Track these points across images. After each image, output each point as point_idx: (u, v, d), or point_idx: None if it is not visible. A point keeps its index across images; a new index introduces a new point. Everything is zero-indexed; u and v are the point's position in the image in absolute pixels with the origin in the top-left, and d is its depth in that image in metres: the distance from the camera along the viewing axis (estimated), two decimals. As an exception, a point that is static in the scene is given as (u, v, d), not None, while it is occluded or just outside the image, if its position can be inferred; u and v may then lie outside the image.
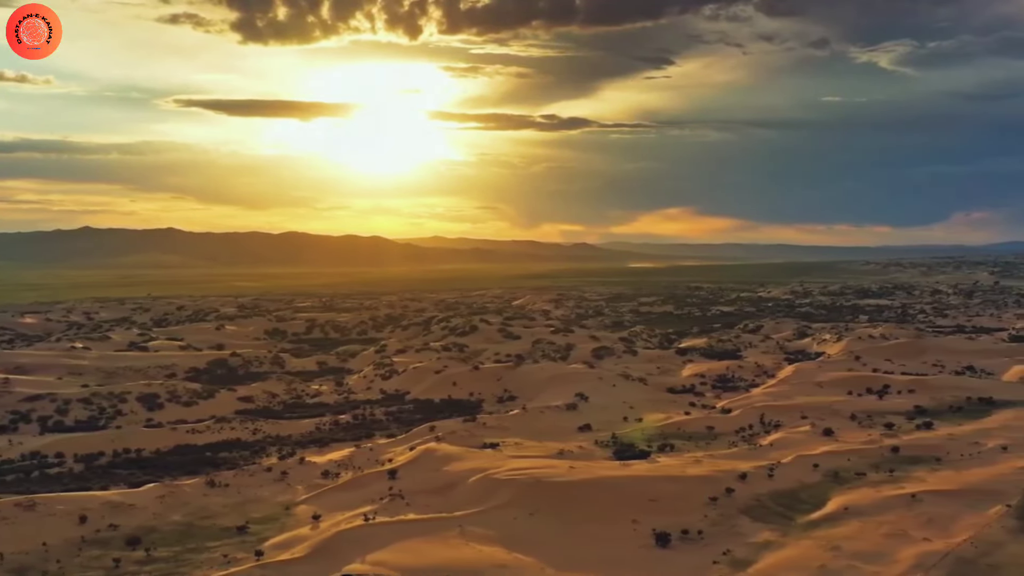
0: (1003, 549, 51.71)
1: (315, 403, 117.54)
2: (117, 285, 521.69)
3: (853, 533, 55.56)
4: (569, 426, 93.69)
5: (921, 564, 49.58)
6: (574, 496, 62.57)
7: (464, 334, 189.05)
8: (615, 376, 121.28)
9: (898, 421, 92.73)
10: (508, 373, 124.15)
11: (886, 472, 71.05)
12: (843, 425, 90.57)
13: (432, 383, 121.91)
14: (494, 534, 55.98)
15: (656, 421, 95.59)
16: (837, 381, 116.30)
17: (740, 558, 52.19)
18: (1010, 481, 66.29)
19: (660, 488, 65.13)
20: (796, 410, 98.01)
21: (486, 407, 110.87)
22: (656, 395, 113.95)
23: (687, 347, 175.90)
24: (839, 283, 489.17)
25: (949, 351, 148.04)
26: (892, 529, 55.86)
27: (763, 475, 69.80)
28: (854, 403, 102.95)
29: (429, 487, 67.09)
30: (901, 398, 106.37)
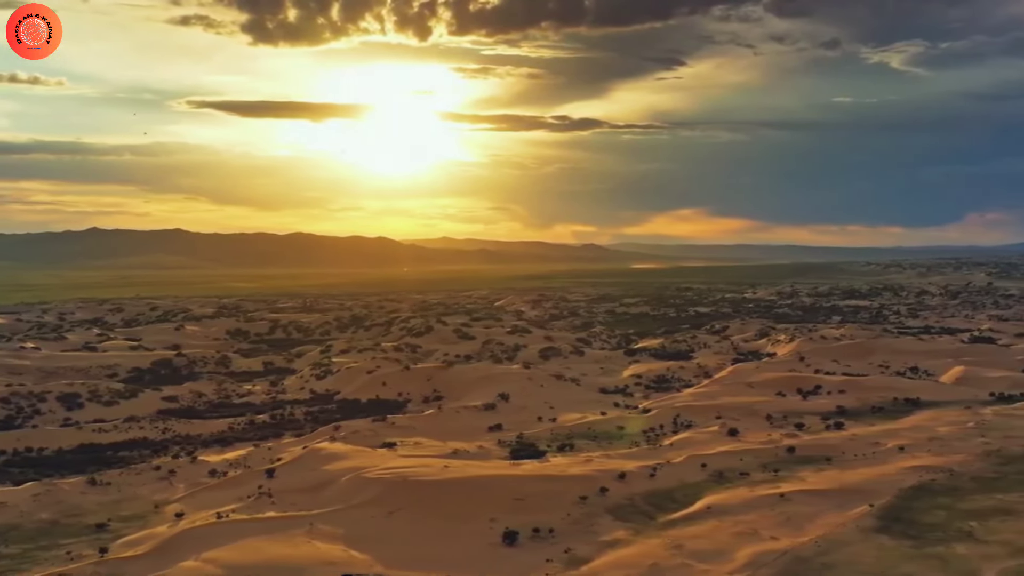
0: (846, 548, 51.96)
1: (241, 403, 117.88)
2: (115, 285, 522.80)
3: (704, 532, 55.85)
4: (480, 426, 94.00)
5: (755, 563, 49.87)
6: (438, 495, 62.88)
7: (420, 335, 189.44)
8: (547, 377, 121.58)
9: (812, 421, 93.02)
10: (439, 373, 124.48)
11: (771, 472, 71.32)
12: (754, 425, 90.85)
13: (362, 383, 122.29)
14: (342, 532, 56.34)
15: (569, 421, 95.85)
16: (770, 382, 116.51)
17: (579, 556, 52.49)
18: (889, 481, 66.66)
19: (531, 487, 65.46)
20: (713, 410, 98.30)
21: (410, 407, 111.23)
22: (585, 396, 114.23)
23: (641, 347, 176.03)
24: (830, 284, 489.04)
25: (898, 352, 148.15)
26: (745, 528, 56.14)
27: (645, 475, 70.10)
28: (777, 403, 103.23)
29: (302, 486, 67.43)
30: (827, 399, 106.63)
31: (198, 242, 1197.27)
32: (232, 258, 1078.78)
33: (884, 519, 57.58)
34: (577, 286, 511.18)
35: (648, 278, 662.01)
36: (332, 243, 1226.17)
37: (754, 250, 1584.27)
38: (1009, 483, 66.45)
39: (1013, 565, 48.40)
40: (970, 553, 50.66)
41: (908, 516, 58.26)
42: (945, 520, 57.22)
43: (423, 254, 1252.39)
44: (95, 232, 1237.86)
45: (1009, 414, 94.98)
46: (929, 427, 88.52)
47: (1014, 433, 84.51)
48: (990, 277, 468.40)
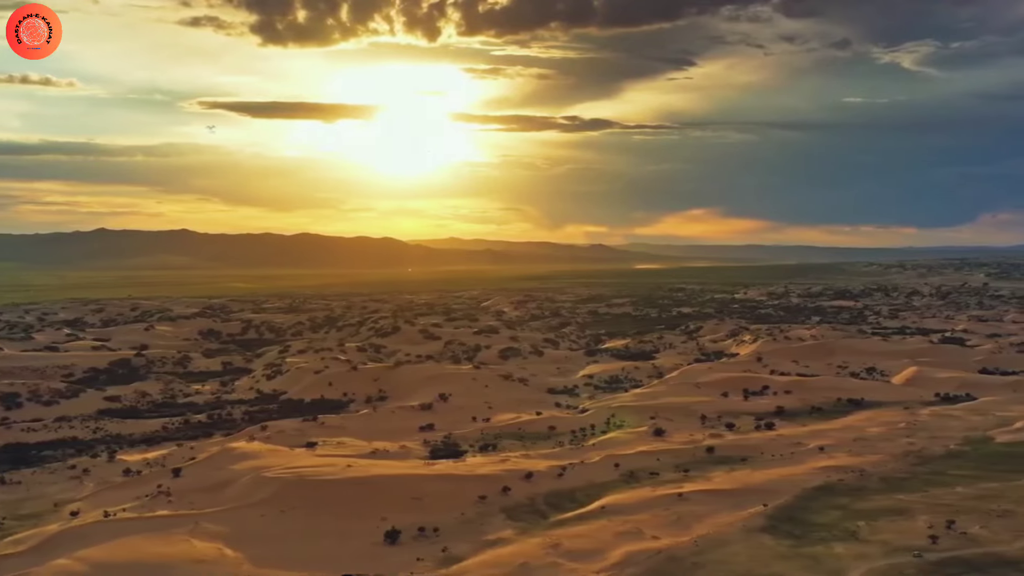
0: (723, 548, 52.18)
1: (185, 403, 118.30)
2: (114, 286, 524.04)
3: (588, 532, 56.14)
4: (411, 426, 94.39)
5: (625, 562, 50.13)
6: (335, 494, 63.26)
7: (387, 335, 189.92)
8: (495, 377, 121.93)
9: (745, 422, 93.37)
10: (386, 374, 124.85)
11: (682, 472, 71.68)
12: (685, 426, 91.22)
13: (309, 383, 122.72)
14: (225, 531, 56.67)
15: (502, 421, 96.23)
16: (717, 382, 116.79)
17: (454, 555, 52.80)
18: (795, 481, 66.99)
19: (432, 487, 65.85)
20: (650, 411, 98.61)
21: (352, 407, 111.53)
22: (529, 396, 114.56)
23: (606, 348, 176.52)
24: (825, 285, 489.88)
25: (858, 353, 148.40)
26: (631, 528, 56.43)
27: (554, 475, 70.51)
28: (717, 404, 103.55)
29: (204, 485, 67.79)
30: (770, 399, 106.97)
31: (205, 243, 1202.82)
32: (238, 259, 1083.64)
33: (775, 519, 57.84)
34: (572, 286, 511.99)
35: (647, 279, 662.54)
36: (338, 243, 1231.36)
37: (764, 251, 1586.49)
38: (916, 484, 66.75)
39: (881, 565, 48.62)
40: (846, 553, 50.90)
41: (800, 516, 58.53)
42: (836, 520, 57.49)
43: (429, 254, 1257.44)
44: (103, 233, 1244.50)
45: (945, 415, 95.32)
46: (859, 428, 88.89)
47: (941, 434, 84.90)
48: (988, 278, 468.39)
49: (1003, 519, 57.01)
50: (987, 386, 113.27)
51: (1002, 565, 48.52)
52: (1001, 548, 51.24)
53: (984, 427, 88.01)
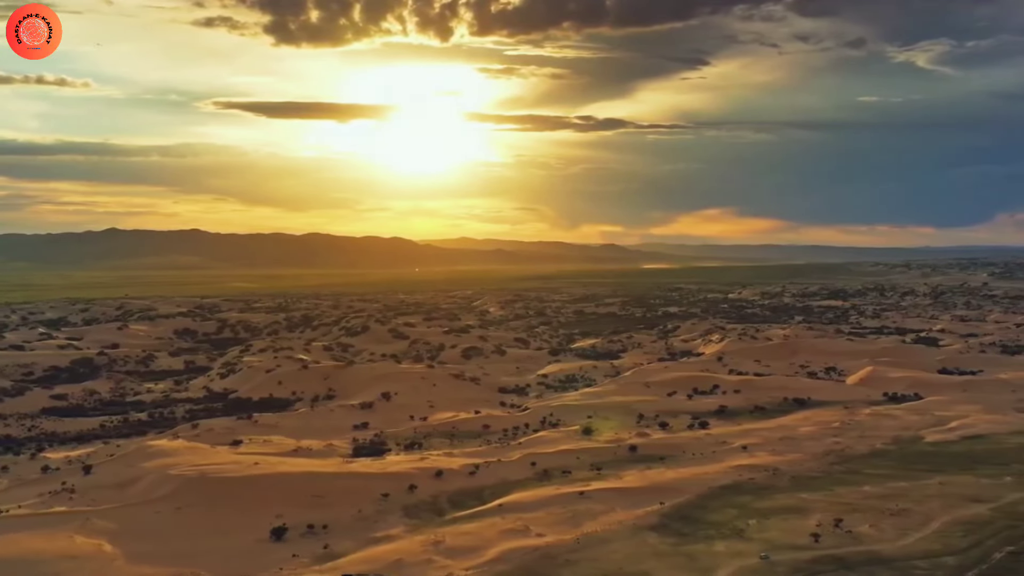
0: (604, 545, 52.49)
1: (132, 401, 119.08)
2: (116, 285, 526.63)
3: (475, 529, 56.50)
4: (346, 424, 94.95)
5: (499, 559, 50.39)
6: (233, 491, 63.77)
7: (356, 334, 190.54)
8: (446, 376, 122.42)
9: (681, 421, 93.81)
10: (336, 372, 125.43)
11: (595, 470, 72.05)
12: (619, 425, 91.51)
13: (259, 382, 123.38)
14: (114, 527, 57.21)
15: (438, 419, 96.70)
16: (668, 382, 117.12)
17: (335, 552, 53.19)
18: (704, 480, 67.34)
19: (337, 485, 66.33)
20: (590, 410, 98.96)
21: (299, 406, 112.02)
22: (476, 395, 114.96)
23: (575, 347, 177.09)
24: (824, 284, 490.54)
25: (820, 352, 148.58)
26: (519, 525, 56.77)
27: (465, 473, 71.01)
28: (660, 403, 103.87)
29: (111, 482, 68.34)
30: (716, 399, 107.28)
31: (216, 242, 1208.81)
32: (248, 258, 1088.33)
33: (668, 517, 58.13)
34: (571, 286, 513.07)
35: (650, 278, 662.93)
36: (348, 243, 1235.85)
37: (779, 250, 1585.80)
38: (825, 483, 67.02)
39: (753, 563, 48.90)
40: (725, 551, 51.15)
41: (695, 514, 58.82)
42: (729, 518, 57.71)
43: (439, 254, 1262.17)
44: (114, 233, 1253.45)
45: (884, 414, 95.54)
46: (792, 427, 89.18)
47: (872, 433, 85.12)
48: (990, 278, 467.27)
49: (896, 518, 57.31)
50: (938, 386, 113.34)
51: (875, 563, 48.76)
52: (881, 547, 51.52)
53: (918, 427, 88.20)
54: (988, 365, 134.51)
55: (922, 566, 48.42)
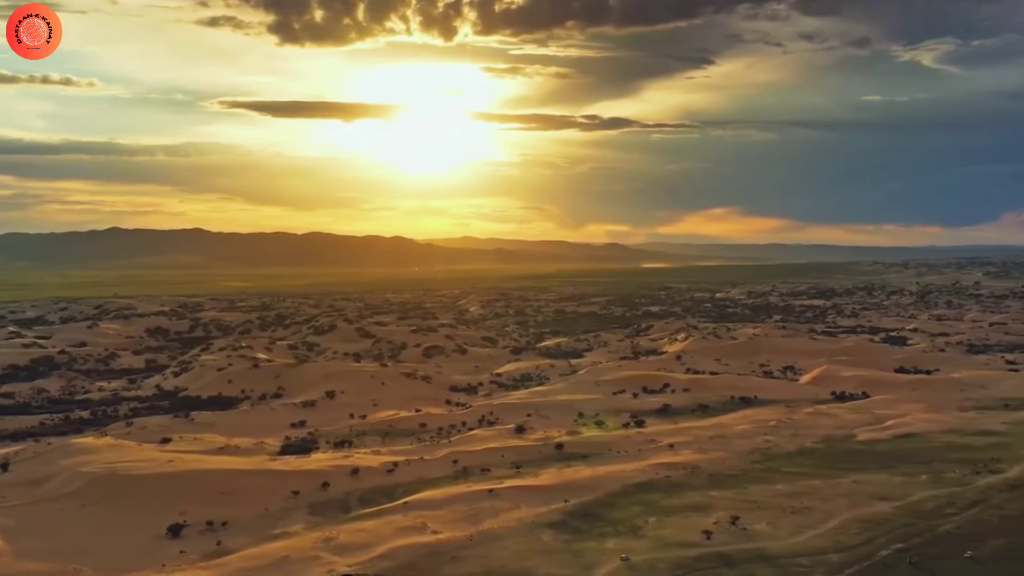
0: (495, 543, 52.79)
1: (81, 400, 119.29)
2: (112, 284, 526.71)
3: (372, 527, 56.89)
4: (283, 423, 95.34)
5: (386, 555, 50.74)
6: (141, 489, 64.12)
7: (323, 332, 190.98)
8: (397, 375, 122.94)
9: (620, 420, 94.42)
10: (287, 371, 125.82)
11: (515, 468, 72.48)
12: (555, 423, 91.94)
13: (209, 380, 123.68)
14: (10, 524, 57.57)
15: (377, 418, 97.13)
16: (619, 380, 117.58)
17: (226, 548, 53.63)
18: (619, 478, 67.67)
19: (248, 482, 66.70)
20: (530, 408, 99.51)
21: (245, 404, 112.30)
22: (424, 393, 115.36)
23: (541, 346, 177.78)
24: (815, 283, 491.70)
25: (782, 351, 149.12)
26: (418, 523, 57.14)
27: (384, 471, 71.52)
28: (605, 402, 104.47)
29: (25, 480, 68.70)
30: (662, 397, 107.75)
31: (218, 242, 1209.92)
32: (249, 258, 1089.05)
33: (571, 515, 58.52)
34: (562, 285, 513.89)
35: (644, 278, 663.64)
36: (349, 243, 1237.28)
37: (785, 250, 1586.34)
38: (740, 481, 67.45)
39: (638, 560, 49.33)
40: (614, 548, 51.56)
41: (599, 512, 59.23)
42: (631, 516, 58.18)
43: (440, 253, 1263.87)
44: (117, 232, 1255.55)
45: (824, 413, 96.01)
46: (728, 425, 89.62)
47: (805, 432, 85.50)
48: (985, 277, 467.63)
49: (796, 515, 57.75)
50: (889, 385, 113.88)
51: (758, 560, 49.20)
52: (770, 544, 51.96)
53: (853, 425, 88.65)
54: (947, 364, 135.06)
55: (804, 563, 48.87)
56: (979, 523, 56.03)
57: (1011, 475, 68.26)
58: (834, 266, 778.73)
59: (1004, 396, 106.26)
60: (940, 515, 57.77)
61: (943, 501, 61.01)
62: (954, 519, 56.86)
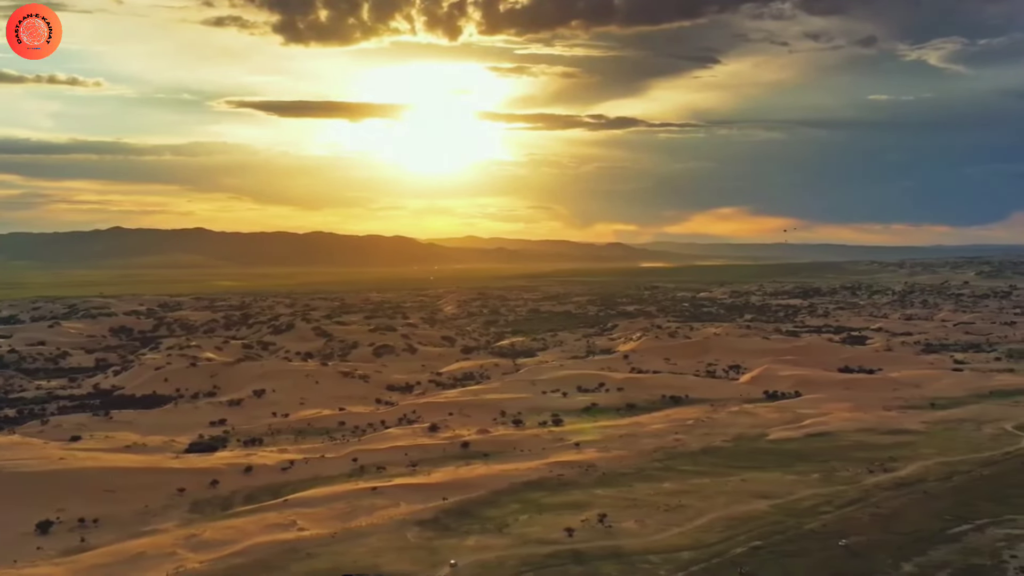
0: (356, 540, 53.33)
1: (14, 398, 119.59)
2: (103, 284, 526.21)
3: (241, 524, 57.45)
4: (203, 421, 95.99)
5: (242, 552, 51.11)
6: (24, 486, 64.62)
7: (281, 332, 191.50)
8: (334, 374, 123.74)
9: (540, 418, 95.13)
10: (224, 370, 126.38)
11: (410, 467, 73.09)
12: (475, 422, 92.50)
13: (146, 379, 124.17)
14: None
15: (301, 417, 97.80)
16: (556, 380, 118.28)
17: (89, 545, 54.27)
18: (510, 477, 68.31)
19: (135, 480, 67.26)
20: (454, 407, 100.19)
21: (179, 403, 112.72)
22: (357, 392, 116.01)
23: (498, 345, 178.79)
24: (802, 282, 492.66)
25: (731, 351, 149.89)
26: (288, 520, 57.69)
27: (278, 469, 72.16)
28: (533, 401, 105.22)
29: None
30: (593, 396, 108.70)
31: (218, 241, 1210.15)
32: (250, 257, 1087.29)
33: (446, 512, 59.09)
34: (551, 284, 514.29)
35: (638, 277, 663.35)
36: (350, 242, 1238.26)
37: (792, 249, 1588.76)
38: (630, 479, 68.03)
39: (490, 557, 49.82)
40: (474, 545, 52.14)
41: (475, 510, 59.78)
42: (505, 514, 58.75)
43: (441, 253, 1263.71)
44: (118, 232, 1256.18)
45: (746, 412, 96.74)
46: (645, 424, 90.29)
47: (718, 431, 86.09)
48: (978, 276, 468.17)
49: (669, 513, 58.38)
50: (823, 384, 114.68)
51: (609, 557, 49.75)
52: (629, 541, 52.53)
53: (770, 424, 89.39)
54: (892, 364, 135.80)
55: (653, 560, 49.46)
56: (847, 521, 56.71)
57: (902, 474, 69.08)
58: (831, 265, 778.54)
59: (935, 396, 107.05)
60: (813, 513, 58.49)
61: (822, 499, 61.76)
62: (824, 517, 57.57)
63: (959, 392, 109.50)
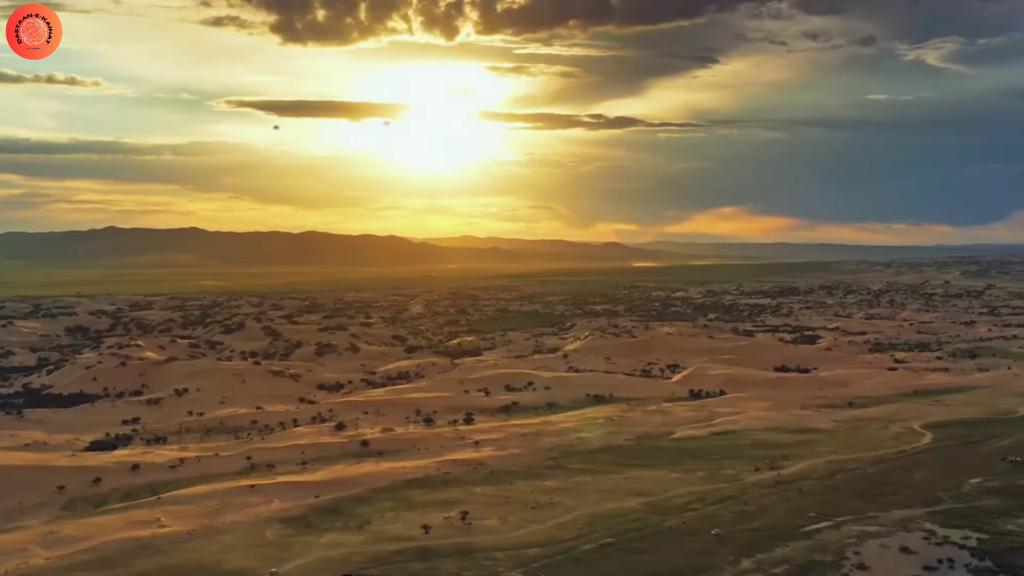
0: (212, 537, 53.88)
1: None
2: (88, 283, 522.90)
3: (106, 521, 58.07)
4: (116, 420, 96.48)
5: (93, 548, 51.85)
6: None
7: (231, 331, 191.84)
8: (264, 372, 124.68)
9: (454, 417, 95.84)
10: (153, 369, 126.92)
11: (300, 464, 73.81)
12: (387, 421, 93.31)
13: (76, 377, 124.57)
14: None
15: (216, 415, 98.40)
16: (485, 379, 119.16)
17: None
18: (394, 475, 69.05)
19: (17, 477, 67.84)
20: (371, 406, 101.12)
21: (100, 401, 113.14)
22: (284, 391, 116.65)
23: (448, 344, 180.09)
24: (781, 282, 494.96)
25: (672, 350, 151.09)
26: (153, 517, 58.26)
27: (166, 467, 72.68)
28: (454, 400, 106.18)
29: None
30: (518, 395, 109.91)
31: (211, 241, 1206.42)
32: (242, 257, 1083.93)
33: (315, 510, 59.80)
34: (531, 284, 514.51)
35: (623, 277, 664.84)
36: (343, 242, 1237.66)
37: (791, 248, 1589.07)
38: (514, 477, 68.74)
39: (337, 554, 50.54)
40: (328, 543, 52.83)
41: (347, 507, 60.52)
42: (374, 511, 59.52)
43: (436, 252, 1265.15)
44: (113, 231, 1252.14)
45: (661, 411, 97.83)
46: (555, 423, 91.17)
47: (625, 430, 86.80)
48: (963, 276, 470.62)
49: (536, 511, 59.19)
50: (750, 383, 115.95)
51: (455, 555, 50.43)
52: (482, 538, 53.33)
53: (679, 423, 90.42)
54: (829, 363, 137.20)
55: (498, 557, 50.25)
56: (710, 518, 57.58)
57: (786, 472, 70.07)
58: (820, 265, 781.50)
59: (858, 395, 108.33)
60: (679, 511, 59.41)
61: (695, 497, 62.67)
62: (689, 515, 58.46)
63: (884, 391, 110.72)
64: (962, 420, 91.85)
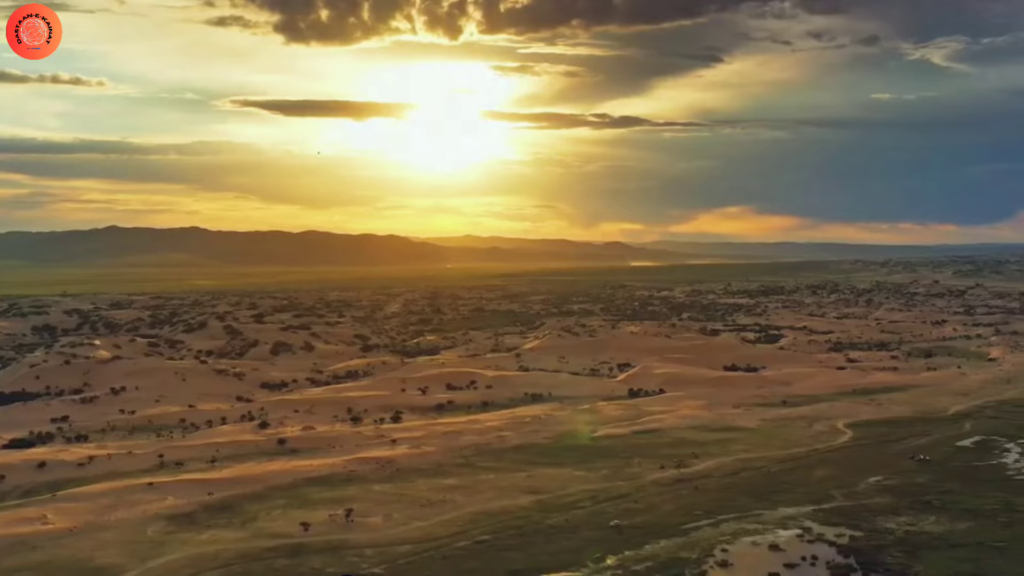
0: (93, 533, 54.62)
1: None
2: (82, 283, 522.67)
3: None
4: (45, 418, 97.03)
5: None
6: None
7: (192, 330, 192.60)
8: (208, 371, 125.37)
9: (382, 415, 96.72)
10: (97, 367, 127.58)
11: (208, 463, 74.57)
12: (317, 420, 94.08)
13: (20, 376, 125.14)
14: None
15: (146, 414, 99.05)
16: (426, 378, 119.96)
17: None
18: (299, 473, 69.80)
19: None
20: (304, 405, 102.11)
21: (40, 400, 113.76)
22: (224, 390, 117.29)
23: (408, 343, 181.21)
24: (769, 282, 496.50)
25: (627, 349, 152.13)
26: (39, 515, 58.83)
27: (74, 464, 73.32)
28: (390, 398, 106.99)
29: None
30: (455, 394, 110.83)
31: (212, 240, 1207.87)
32: (242, 256, 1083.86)
33: (207, 507, 60.56)
34: (518, 284, 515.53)
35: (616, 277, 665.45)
36: (344, 241, 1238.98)
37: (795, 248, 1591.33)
38: (418, 475, 69.60)
39: (209, 551, 51.43)
40: (206, 539, 53.69)
41: (239, 505, 61.29)
42: (264, 509, 60.33)
43: (437, 251, 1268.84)
44: (114, 231, 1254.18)
45: (589, 410, 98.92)
46: (481, 422, 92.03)
47: (546, 429, 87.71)
48: (954, 276, 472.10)
49: (424, 508, 60.17)
50: (691, 382, 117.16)
51: (324, 552, 51.47)
52: (359, 536, 54.26)
53: (607, 421, 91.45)
54: (780, 362, 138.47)
55: (367, 554, 51.28)
56: (595, 515, 58.75)
57: (690, 470, 71.11)
58: (816, 264, 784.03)
59: (797, 394, 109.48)
60: (568, 508, 60.47)
61: (588, 495, 63.66)
62: (576, 512, 59.62)
63: (824, 390, 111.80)
64: (888, 419, 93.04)
